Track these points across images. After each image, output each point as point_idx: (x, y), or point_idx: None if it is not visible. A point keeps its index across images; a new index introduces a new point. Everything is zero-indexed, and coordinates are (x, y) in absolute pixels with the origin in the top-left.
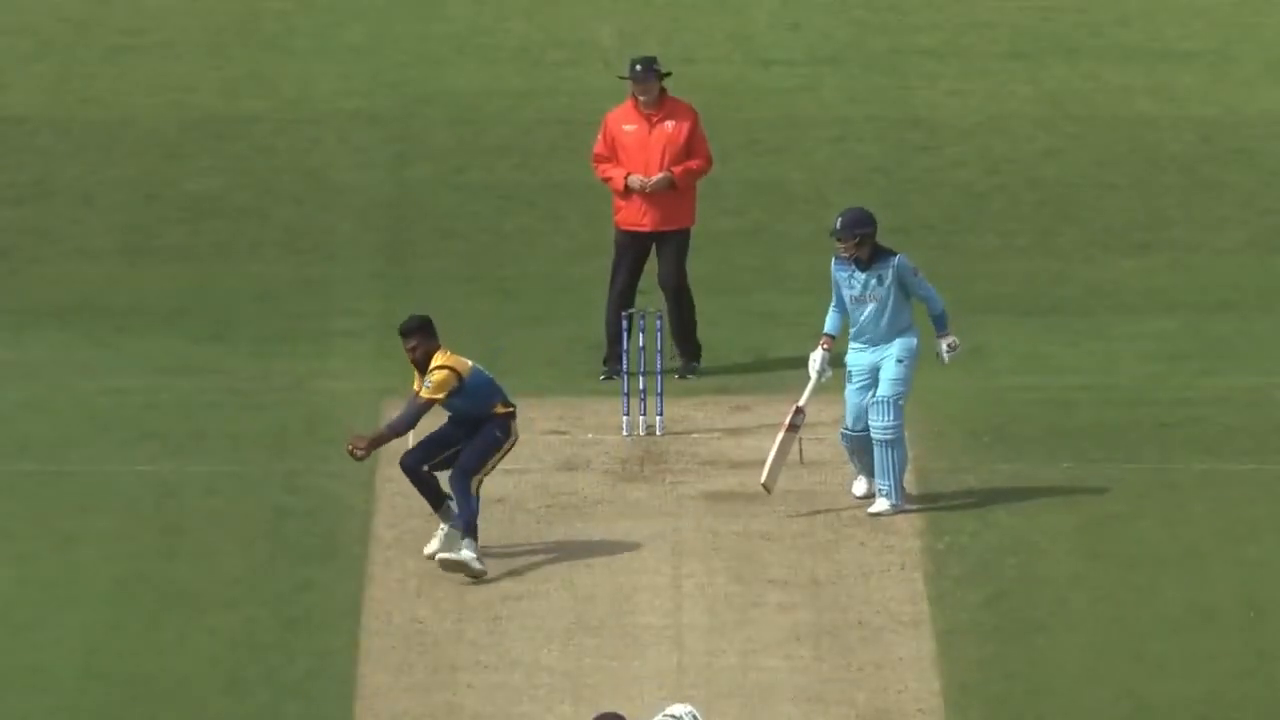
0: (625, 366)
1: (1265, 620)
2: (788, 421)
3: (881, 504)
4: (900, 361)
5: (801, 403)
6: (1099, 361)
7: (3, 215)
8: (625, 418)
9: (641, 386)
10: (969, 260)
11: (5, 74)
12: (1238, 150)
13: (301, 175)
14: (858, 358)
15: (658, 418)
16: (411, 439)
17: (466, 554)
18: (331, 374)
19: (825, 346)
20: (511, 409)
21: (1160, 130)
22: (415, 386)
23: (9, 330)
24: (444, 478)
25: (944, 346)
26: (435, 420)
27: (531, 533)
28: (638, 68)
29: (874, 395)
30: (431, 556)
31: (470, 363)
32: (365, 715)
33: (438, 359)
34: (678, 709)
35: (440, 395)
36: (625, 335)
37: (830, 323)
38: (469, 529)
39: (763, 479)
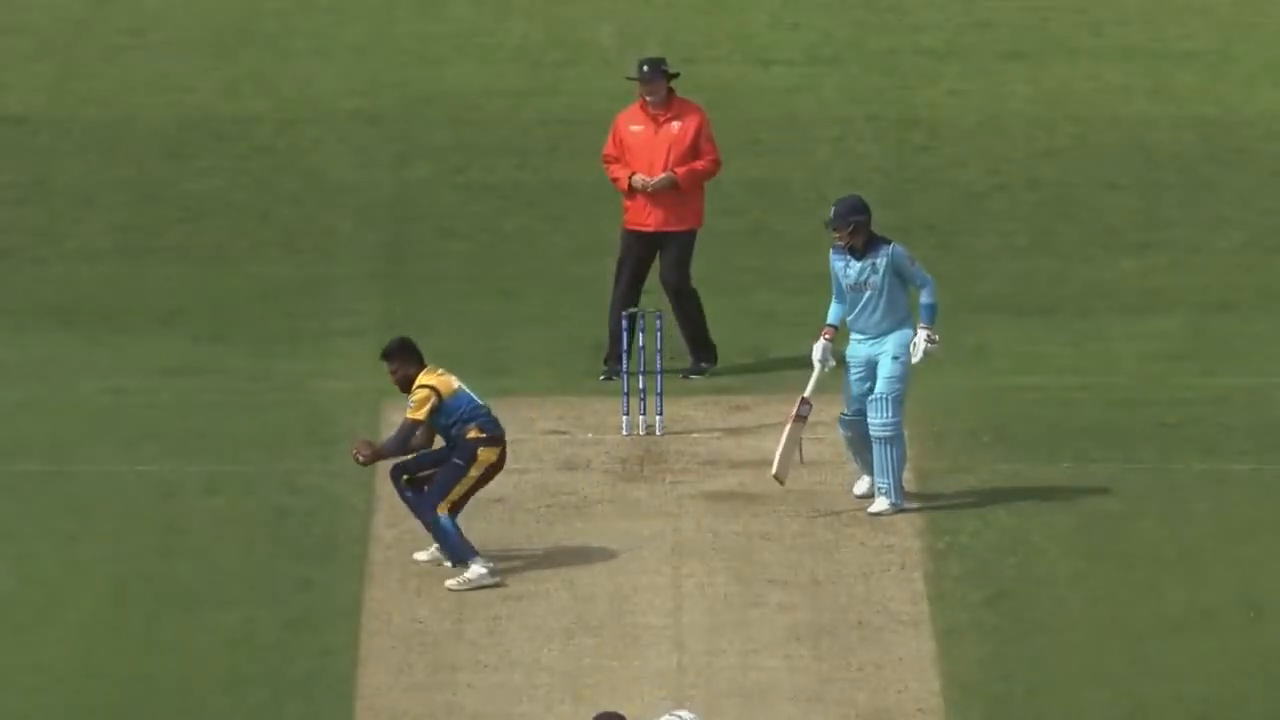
0: (625, 366)
1: (1265, 620)
2: (794, 412)
3: (881, 503)
4: (896, 359)
5: (806, 393)
6: (1099, 361)
7: (3, 215)
8: (625, 418)
9: (641, 386)
10: (969, 260)
11: (5, 74)
12: (1238, 150)
13: (301, 175)
14: (856, 349)
15: (658, 418)
16: None
17: (475, 571)
18: (331, 374)
19: (827, 336)
20: (484, 436)
21: (1160, 130)
22: None
23: (9, 330)
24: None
25: (923, 337)
26: None
27: (531, 533)
28: (645, 68)
29: (872, 393)
30: (421, 562)
31: (456, 384)
32: (365, 715)
33: (421, 378)
34: (684, 714)
35: (422, 414)
36: (626, 335)
37: (832, 313)
38: (458, 557)
39: (773, 471)
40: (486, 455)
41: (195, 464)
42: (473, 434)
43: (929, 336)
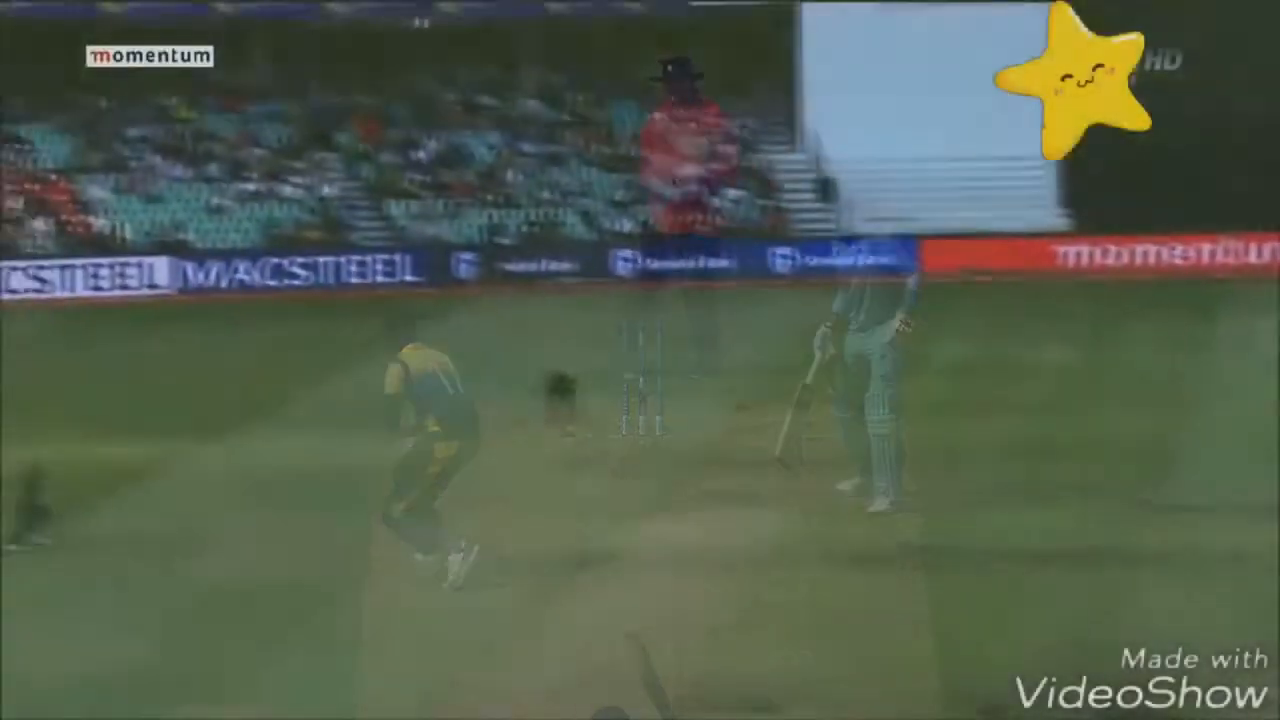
0: (626, 366)
1: (1265, 620)
2: (796, 398)
3: (880, 502)
4: (884, 358)
5: (807, 380)
6: (1098, 363)
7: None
8: (625, 418)
9: (641, 386)
10: None
11: (5, 74)
12: (1238, 150)
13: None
14: (849, 340)
15: (657, 418)
16: None
17: (454, 559)
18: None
19: (827, 325)
20: (439, 430)
21: (1160, 130)
22: None
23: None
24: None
25: (897, 319)
26: None
27: (532, 533)
28: (669, 68)
29: (859, 382)
30: (422, 563)
31: (433, 365)
32: (365, 715)
33: (402, 353)
34: None
35: (389, 390)
36: (627, 335)
37: (835, 303)
38: (426, 548)
39: (777, 452)
40: (444, 451)
41: (195, 464)
42: (432, 427)
43: (903, 319)
